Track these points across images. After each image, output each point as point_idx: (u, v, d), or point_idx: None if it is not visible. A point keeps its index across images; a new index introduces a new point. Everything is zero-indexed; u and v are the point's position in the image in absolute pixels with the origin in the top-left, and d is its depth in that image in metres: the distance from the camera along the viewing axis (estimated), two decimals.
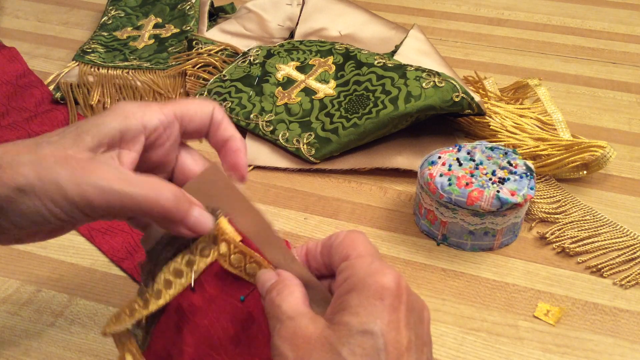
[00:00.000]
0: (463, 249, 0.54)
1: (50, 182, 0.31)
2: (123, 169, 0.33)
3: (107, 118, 0.34)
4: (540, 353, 0.46)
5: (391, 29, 0.80)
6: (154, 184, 0.33)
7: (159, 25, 0.87)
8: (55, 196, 0.31)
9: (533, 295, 0.50)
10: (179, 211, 0.33)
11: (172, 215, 0.33)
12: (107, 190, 0.31)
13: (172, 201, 0.33)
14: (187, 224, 0.34)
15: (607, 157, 0.59)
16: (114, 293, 0.50)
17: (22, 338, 0.46)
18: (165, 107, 0.36)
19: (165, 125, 0.36)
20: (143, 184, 0.32)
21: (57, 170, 0.31)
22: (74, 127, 0.34)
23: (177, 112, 0.37)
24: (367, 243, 0.33)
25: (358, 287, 0.30)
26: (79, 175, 0.31)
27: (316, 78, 0.69)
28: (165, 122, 0.36)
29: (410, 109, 0.61)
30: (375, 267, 0.30)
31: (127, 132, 0.34)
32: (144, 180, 0.33)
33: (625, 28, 0.94)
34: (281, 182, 0.63)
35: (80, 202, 0.31)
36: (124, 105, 0.35)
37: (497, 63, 0.85)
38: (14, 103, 0.73)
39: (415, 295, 0.31)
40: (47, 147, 0.32)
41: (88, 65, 0.77)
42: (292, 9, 0.86)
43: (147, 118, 0.35)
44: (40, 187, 0.31)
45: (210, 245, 0.36)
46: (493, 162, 0.54)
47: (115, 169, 0.32)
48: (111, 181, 0.32)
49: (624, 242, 0.55)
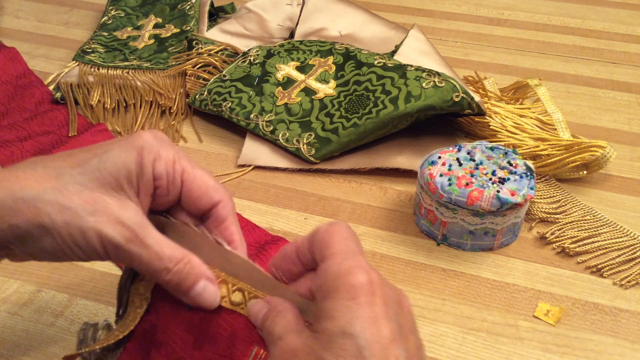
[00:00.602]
0: (463, 249, 0.54)
1: (77, 229, 0.32)
2: (145, 224, 0.33)
3: (128, 156, 0.34)
4: (540, 353, 0.46)
5: (391, 29, 0.80)
6: (166, 255, 0.33)
7: (159, 25, 0.87)
8: (80, 241, 0.32)
9: (533, 295, 0.50)
10: (182, 286, 0.34)
11: (174, 288, 0.34)
12: (124, 250, 0.32)
13: (175, 279, 0.34)
14: (188, 297, 0.34)
15: (607, 157, 0.59)
16: (114, 293, 0.50)
17: (22, 338, 0.46)
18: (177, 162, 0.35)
19: (170, 180, 0.35)
20: (157, 253, 0.33)
21: (85, 217, 0.32)
22: (96, 159, 0.33)
23: (185, 175, 0.35)
24: (343, 238, 0.32)
25: (331, 292, 0.30)
26: (105, 227, 0.32)
27: (316, 78, 0.69)
28: (171, 176, 0.35)
29: (410, 109, 0.61)
30: (345, 267, 0.30)
31: (143, 174, 0.34)
32: (160, 248, 0.33)
33: (625, 28, 0.94)
34: (281, 182, 0.63)
35: (101, 251, 0.33)
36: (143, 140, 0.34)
37: (497, 63, 0.85)
38: (14, 103, 0.73)
39: (390, 286, 0.31)
40: (70, 182, 0.32)
41: (88, 65, 0.77)
42: (292, 9, 0.86)
43: (157, 165, 0.34)
44: (66, 231, 0.32)
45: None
46: (493, 162, 0.54)
47: (139, 224, 0.33)
48: (130, 242, 0.32)
49: (624, 242, 0.55)
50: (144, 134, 0.35)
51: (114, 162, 0.33)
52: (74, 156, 0.34)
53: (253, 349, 0.34)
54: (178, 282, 0.34)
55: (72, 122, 0.69)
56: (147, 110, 0.72)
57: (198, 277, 0.34)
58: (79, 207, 0.32)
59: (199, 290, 0.34)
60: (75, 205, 0.32)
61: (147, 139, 0.35)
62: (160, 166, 0.34)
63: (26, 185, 0.32)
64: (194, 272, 0.34)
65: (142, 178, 0.34)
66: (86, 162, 0.33)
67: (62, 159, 0.34)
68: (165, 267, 0.33)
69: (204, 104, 0.70)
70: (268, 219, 0.58)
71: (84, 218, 0.32)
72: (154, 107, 0.72)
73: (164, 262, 0.33)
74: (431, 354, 0.45)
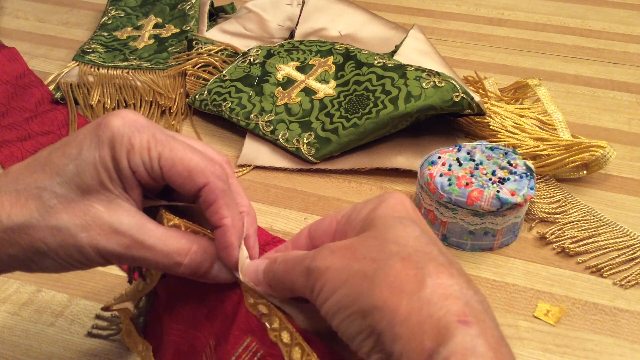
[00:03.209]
0: (463, 249, 0.54)
1: (73, 247, 0.31)
2: (142, 223, 0.32)
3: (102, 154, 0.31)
4: (540, 353, 0.46)
5: (391, 29, 0.80)
6: (173, 249, 0.32)
7: (159, 25, 0.87)
8: (79, 258, 0.31)
9: (533, 295, 0.50)
10: (197, 273, 0.33)
11: (191, 276, 0.33)
12: (126, 256, 0.32)
13: (190, 269, 0.32)
14: (208, 279, 0.34)
15: (607, 157, 0.59)
16: (114, 293, 0.50)
17: (22, 338, 0.46)
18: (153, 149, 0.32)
19: (149, 170, 0.32)
20: (161, 250, 0.32)
21: (78, 235, 0.31)
22: (72, 164, 0.31)
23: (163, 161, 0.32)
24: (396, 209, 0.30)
25: (375, 220, 0.29)
26: (100, 241, 0.31)
27: (316, 78, 0.69)
28: (148, 165, 0.32)
29: (410, 109, 0.61)
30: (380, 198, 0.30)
31: (121, 170, 0.32)
32: (163, 244, 0.32)
33: (625, 28, 0.94)
34: (281, 182, 0.63)
35: (102, 262, 0.32)
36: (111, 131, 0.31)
37: (497, 63, 0.85)
38: (14, 103, 0.73)
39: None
40: (53, 197, 0.31)
41: (88, 65, 0.77)
42: (292, 9, 0.86)
43: (132, 157, 0.31)
44: (63, 251, 0.31)
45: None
46: (493, 162, 0.54)
47: (135, 227, 0.31)
48: (130, 248, 0.31)
49: (624, 242, 0.55)
50: (112, 121, 0.31)
51: (89, 164, 0.31)
52: (51, 163, 0.32)
53: (246, 338, 0.32)
54: (193, 270, 0.33)
55: (72, 122, 0.69)
56: (147, 110, 0.72)
57: (212, 261, 0.33)
58: (70, 225, 0.30)
59: (215, 272, 0.33)
60: (65, 224, 0.30)
61: (116, 127, 0.31)
62: (135, 158, 0.31)
63: (12, 212, 0.30)
64: (206, 257, 0.33)
65: (121, 174, 0.31)
66: (63, 170, 0.31)
67: (41, 169, 0.32)
68: (175, 262, 0.32)
69: (204, 104, 0.70)
70: (268, 219, 0.58)
71: (77, 236, 0.30)
72: (154, 107, 0.72)
73: (173, 258, 0.32)
74: None
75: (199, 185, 0.32)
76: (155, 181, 0.33)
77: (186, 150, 0.32)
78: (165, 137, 0.32)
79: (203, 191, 0.32)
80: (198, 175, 0.32)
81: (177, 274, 0.33)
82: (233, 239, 0.33)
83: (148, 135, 0.31)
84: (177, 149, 0.32)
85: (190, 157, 0.32)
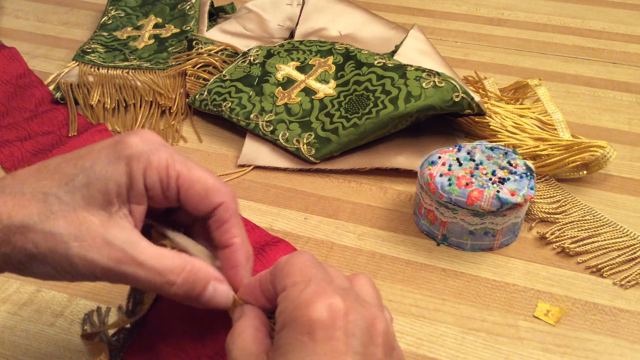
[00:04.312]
0: (463, 249, 0.54)
1: (62, 255, 0.31)
2: (136, 240, 0.31)
3: (117, 169, 0.32)
4: (540, 353, 0.46)
5: (391, 29, 0.80)
6: (165, 268, 0.31)
7: (159, 25, 0.87)
8: (66, 267, 0.31)
9: (533, 295, 0.50)
10: (191, 295, 0.32)
11: (184, 298, 0.32)
12: (116, 272, 0.31)
13: (182, 289, 0.32)
14: (200, 303, 0.33)
15: (607, 157, 0.59)
16: (114, 293, 0.50)
17: (22, 338, 0.46)
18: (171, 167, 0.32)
19: (164, 187, 0.33)
20: (153, 267, 0.31)
21: (69, 243, 0.30)
22: (82, 175, 0.32)
23: (182, 180, 0.33)
24: (308, 265, 0.30)
25: (287, 323, 0.28)
26: (90, 252, 0.30)
27: (316, 78, 0.69)
28: (165, 183, 0.33)
29: (410, 109, 0.61)
30: (305, 296, 0.28)
31: (133, 186, 0.32)
32: (156, 261, 0.31)
33: (625, 28, 0.94)
34: (281, 182, 0.63)
35: (89, 275, 0.31)
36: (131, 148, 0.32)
37: (497, 63, 0.85)
38: (14, 103, 0.73)
39: (360, 310, 0.28)
40: (56, 203, 0.31)
41: (88, 65, 0.77)
42: (292, 9, 0.86)
43: (148, 174, 0.32)
44: (51, 258, 0.31)
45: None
46: (493, 162, 0.54)
47: (129, 243, 0.31)
48: (121, 263, 0.31)
49: (624, 242, 0.55)
50: (131, 139, 0.32)
51: (101, 178, 0.31)
52: (61, 171, 0.32)
53: None
54: (186, 291, 0.32)
55: (72, 122, 0.69)
56: (147, 110, 0.72)
57: (206, 281, 0.32)
58: (64, 232, 0.30)
59: (209, 294, 0.32)
60: (60, 230, 0.30)
61: (136, 145, 0.32)
62: (152, 175, 0.32)
63: (13, 211, 0.31)
64: (200, 276, 0.32)
65: (132, 190, 0.32)
66: (73, 179, 0.31)
67: (50, 175, 0.32)
68: (167, 281, 0.31)
69: (204, 104, 0.70)
70: (268, 219, 0.58)
71: (68, 244, 0.30)
72: (154, 107, 0.72)
73: (165, 276, 0.31)
74: (431, 354, 0.45)
75: (214, 204, 0.33)
76: (166, 200, 0.33)
77: (203, 170, 0.33)
78: (183, 158, 0.33)
79: (218, 210, 0.33)
80: (215, 195, 0.33)
81: (169, 295, 0.32)
82: (242, 259, 0.34)
83: (166, 155, 0.32)
84: (195, 168, 0.33)
85: (208, 177, 0.33)
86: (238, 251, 0.34)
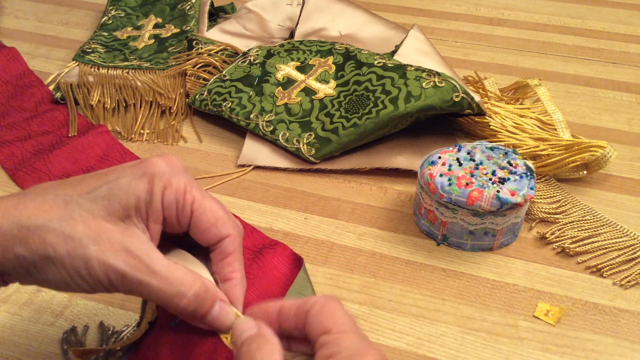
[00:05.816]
0: (463, 249, 0.54)
1: (80, 259, 0.31)
2: (152, 251, 0.33)
3: (139, 184, 0.33)
4: (540, 353, 0.46)
5: (391, 29, 0.80)
6: (177, 280, 0.32)
7: (159, 25, 0.87)
8: (83, 272, 0.32)
9: (533, 295, 0.50)
10: (199, 310, 0.33)
11: (190, 316, 0.33)
12: (131, 279, 0.32)
13: (193, 304, 0.33)
14: (205, 321, 0.34)
15: (607, 157, 0.59)
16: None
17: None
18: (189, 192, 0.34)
19: (179, 209, 0.34)
20: (167, 278, 0.32)
21: (88, 247, 0.31)
22: (105, 186, 0.33)
23: (196, 205, 0.34)
24: (347, 314, 0.32)
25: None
26: (108, 256, 0.31)
27: (316, 78, 0.69)
28: (180, 205, 0.34)
29: (410, 109, 0.61)
30: (361, 347, 0.29)
31: (152, 203, 0.33)
32: (170, 273, 0.32)
33: (625, 28, 0.94)
34: (281, 182, 0.63)
35: (105, 281, 0.32)
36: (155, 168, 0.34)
37: (497, 63, 0.85)
38: (14, 103, 0.73)
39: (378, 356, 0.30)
40: (77, 210, 0.32)
41: (88, 65, 0.77)
42: (292, 9, 0.86)
43: (167, 193, 0.34)
44: (69, 261, 0.31)
45: None
46: (493, 162, 0.54)
47: (145, 252, 0.32)
48: (136, 270, 0.32)
49: (624, 242, 0.55)
50: (157, 160, 0.34)
51: (123, 190, 0.33)
52: (84, 183, 0.33)
53: None
54: (195, 307, 0.33)
55: (72, 122, 0.69)
56: (147, 110, 0.72)
57: (214, 300, 0.33)
58: (83, 236, 0.31)
59: (215, 313, 0.33)
60: (79, 234, 0.31)
61: (160, 166, 0.34)
62: (170, 195, 0.33)
63: (33, 214, 0.31)
64: (210, 294, 0.33)
65: (150, 206, 0.33)
66: (95, 190, 0.33)
67: (72, 186, 0.33)
68: (178, 292, 0.32)
69: (204, 104, 0.70)
70: (268, 219, 0.58)
71: (87, 247, 0.31)
72: (154, 107, 0.72)
73: (176, 286, 0.32)
74: (431, 354, 0.45)
75: (221, 235, 0.35)
76: (178, 223, 0.34)
77: (216, 201, 0.35)
78: (200, 187, 0.35)
79: (223, 242, 0.35)
80: (224, 225, 0.35)
81: (178, 309, 0.33)
82: (240, 294, 0.35)
83: (185, 180, 0.34)
84: (209, 198, 0.35)
85: (219, 208, 0.35)
86: (237, 286, 0.35)
